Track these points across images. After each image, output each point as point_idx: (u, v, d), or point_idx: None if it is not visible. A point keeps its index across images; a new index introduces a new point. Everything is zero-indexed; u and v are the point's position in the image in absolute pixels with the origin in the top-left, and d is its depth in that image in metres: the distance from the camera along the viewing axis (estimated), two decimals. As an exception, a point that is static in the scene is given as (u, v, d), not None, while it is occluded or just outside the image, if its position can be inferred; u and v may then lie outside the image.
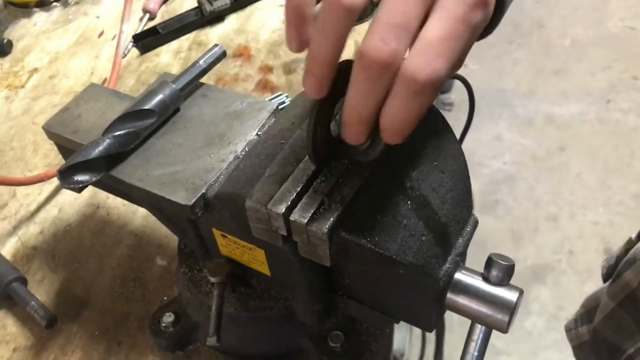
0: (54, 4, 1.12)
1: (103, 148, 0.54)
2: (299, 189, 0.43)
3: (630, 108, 2.58)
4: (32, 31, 1.08)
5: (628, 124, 2.52)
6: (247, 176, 0.47)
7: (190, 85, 0.60)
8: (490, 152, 2.47)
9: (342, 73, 0.42)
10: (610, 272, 0.88)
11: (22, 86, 0.98)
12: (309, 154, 0.43)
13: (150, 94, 0.57)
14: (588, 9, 3.07)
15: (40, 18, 1.10)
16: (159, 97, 0.57)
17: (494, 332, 0.47)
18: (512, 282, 0.46)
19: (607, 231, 2.17)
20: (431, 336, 1.81)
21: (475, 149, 2.42)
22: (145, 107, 0.56)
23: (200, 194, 0.51)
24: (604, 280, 0.91)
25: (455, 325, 1.81)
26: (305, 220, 0.41)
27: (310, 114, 0.41)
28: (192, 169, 0.54)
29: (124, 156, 0.55)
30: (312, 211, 0.42)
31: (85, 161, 0.53)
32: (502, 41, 2.94)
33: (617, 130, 2.50)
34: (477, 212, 0.61)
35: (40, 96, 0.96)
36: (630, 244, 0.86)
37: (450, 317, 1.84)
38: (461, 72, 0.94)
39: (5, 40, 1.03)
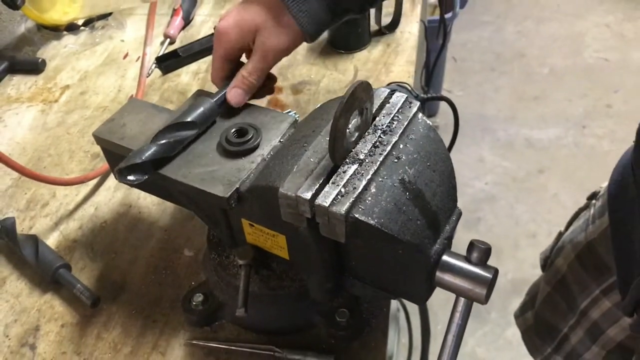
0: (82, 28, 1.23)
1: (153, 152, 0.65)
2: (321, 181, 0.55)
3: (604, 134, 2.72)
4: (62, 52, 1.19)
5: (602, 148, 2.66)
6: (277, 172, 0.58)
7: (225, 101, 0.71)
8: (472, 173, 2.59)
9: (356, 92, 0.54)
10: (546, 262, 1.01)
11: (56, 101, 1.08)
12: (330, 154, 0.55)
13: (192, 107, 0.68)
14: (566, 41, 3.25)
15: (69, 40, 1.21)
16: (200, 110, 0.68)
17: (476, 341, 0.58)
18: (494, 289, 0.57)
19: (582, 248, 2.29)
20: (417, 344, 1.91)
21: (458, 170, 2.49)
22: (189, 120, 0.67)
23: (234, 188, 0.62)
24: (542, 270, 1.04)
25: (439, 335, 1.91)
26: (327, 205, 0.53)
27: (332, 124, 0.53)
28: (226, 169, 0.65)
29: (169, 159, 0.66)
30: (332, 198, 0.53)
31: (138, 163, 0.65)
32: (485, 69, 3.11)
33: (592, 154, 2.64)
34: (460, 229, 0.72)
35: (72, 110, 1.06)
36: (560, 236, 0.99)
37: (434, 327, 1.95)
38: (447, 97, 1.07)
39: (39, 60, 1.14)
